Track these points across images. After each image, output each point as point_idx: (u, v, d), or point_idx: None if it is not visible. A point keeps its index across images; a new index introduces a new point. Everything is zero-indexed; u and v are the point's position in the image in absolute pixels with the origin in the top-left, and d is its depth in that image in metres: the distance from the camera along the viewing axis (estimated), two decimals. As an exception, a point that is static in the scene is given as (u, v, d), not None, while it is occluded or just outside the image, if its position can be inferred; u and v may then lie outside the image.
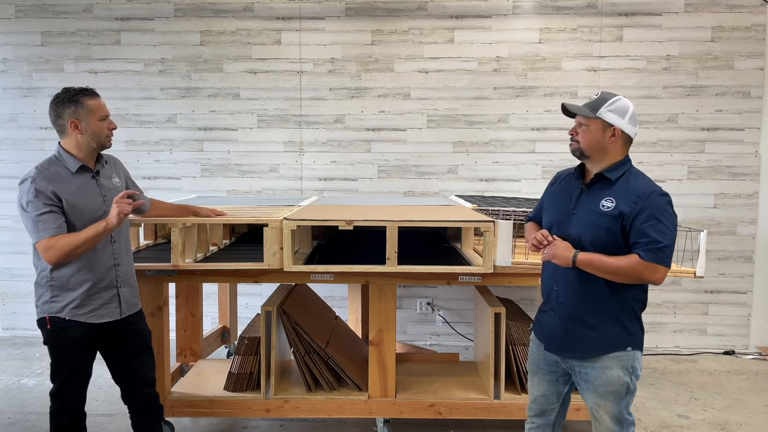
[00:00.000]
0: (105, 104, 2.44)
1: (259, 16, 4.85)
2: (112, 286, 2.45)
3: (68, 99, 2.35)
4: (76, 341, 2.39)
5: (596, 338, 2.16)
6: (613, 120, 2.12)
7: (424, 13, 4.80)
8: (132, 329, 2.54)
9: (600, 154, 2.15)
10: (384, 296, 3.03)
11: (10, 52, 4.93)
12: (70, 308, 2.36)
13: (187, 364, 3.75)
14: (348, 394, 3.12)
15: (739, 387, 4.06)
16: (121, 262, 2.49)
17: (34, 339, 4.97)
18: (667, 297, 4.89)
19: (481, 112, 4.85)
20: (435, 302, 4.98)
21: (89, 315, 2.39)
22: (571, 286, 2.18)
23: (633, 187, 2.10)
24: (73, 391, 2.43)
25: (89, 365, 2.48)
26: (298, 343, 3.10)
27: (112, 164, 2.59)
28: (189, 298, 3.81)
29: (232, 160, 4.95)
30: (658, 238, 2.03)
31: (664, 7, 4.72)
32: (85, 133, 2.37)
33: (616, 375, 2.16)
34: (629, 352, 2.16)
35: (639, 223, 2.05)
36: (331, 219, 2.89)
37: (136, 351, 2.57)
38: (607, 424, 2.21)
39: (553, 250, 2.15)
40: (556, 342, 2.26)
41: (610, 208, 2.09)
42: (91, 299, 2.39)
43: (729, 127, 4.76)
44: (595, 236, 2.11)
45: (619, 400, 2.18)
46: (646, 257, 2.03)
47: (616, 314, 2.15)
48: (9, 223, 5.04)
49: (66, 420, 2.44)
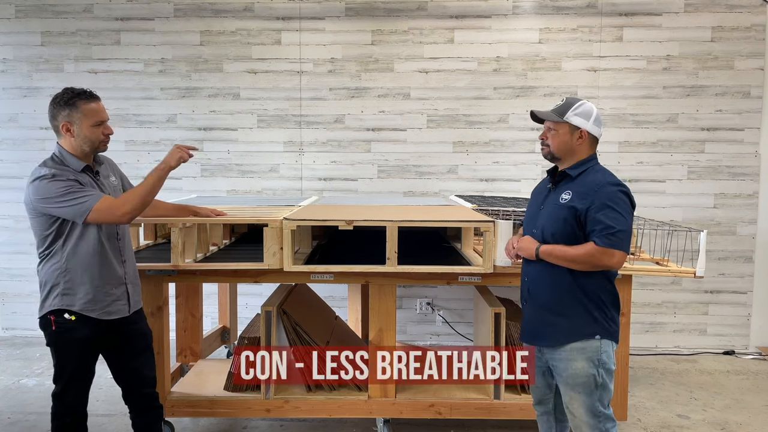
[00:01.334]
0: (103, 108, 2.41)
1: (259, 16, 4.85)
2: (121, 283, 2.46)
3: (64, 101, 2.33)
4: (80, 342, 2.38)
5: (564, 325, 2.26)
6: (579, 123, 2.26)
7: (424, 13, 4.80)
8: (133, 329, 2.55)
9: (569, 155, 2.30)
10: (384, 296, 3.03)
11: (10, 52, 4.93)
12: (84, 302, 2.35)
13: (187, 364, 3.75)
14: (348, 394, 3.12)
15: (739, 387, 4.06)
16: (127, 260, 2.51)
17: (34, 339, 4.97)
18: (667, 297, 4.89)
19: (481, 112, 4.85)
20: (435, 302, 4.98)
21: (101, 312, 2.39)
22: (539, 277, 2.32)
23: (589, 180, 2.24)
24: (75, 392, 2.43)
25: (92, 366, 2.47)
26: (297, 343, 3.10)
27: (107, 164, 2.60)
28: (189, 298, 3.81)
29: (232, 160, 4.95)
30: (611, 224, 2.15)
31: (664, 7, 4.72)
32: (77, 137, 2.35)
33: (580, 366, 2.23)
34: (594, 342, 2.23)
35: (593, 212, 2.18)
36: (331, 219, 2.89)
37: (136, 351, 2.57)
38: (581, 417, 2.27)
39: (519, 244, 2.37)
40: (529, 332, 2.40)
41: (567, 200, 2.25)
42: (102, 295, 2.39)
43: (729, 127, 4.76)
44: (555, 228, 2.25)
45: (590, 393, 2.25)
46: (601, 243, 2.15)
47: (582, 302, 2.25)
48: (9, 223, 5.04)
49: (68, 421, 2.43)
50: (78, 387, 2.43)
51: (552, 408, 2.52)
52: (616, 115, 4.74)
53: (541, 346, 2.36)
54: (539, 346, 2.37)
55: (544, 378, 2.44)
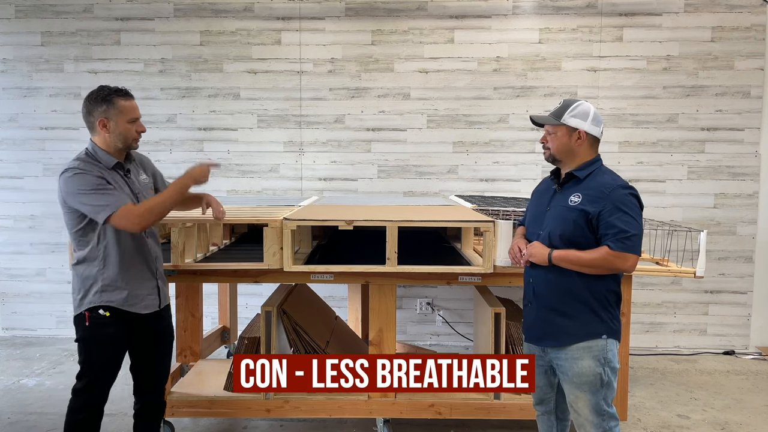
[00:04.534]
0: (137, 106, 2.46)
1: (259, 16, 4.85)
2: (153, 278, 2.52)
3: (101, 98, 2.38)
4: (112, 338, 2.41)
5: (570, 326, 2.26)
6: (576, 124, 2.27)
7: (424, 13, 4.80)
8: (162, 325, 2.60)
9: (569, 156, 2.31)
10: (384, 296, 3.03)
11: (10, 52, 4.93)
12: (122, 297, 2.39)
13: (187, 364, 3.75)
14: (348, 394, 3.12)
15: (739, 387, 4.06)
16: (157, 256, 2.57)
17: (34, 339, 4.97)
18: (667, 297, 4.90)
19: (481, 112, 4.85)
20: (435, 302, 4.98)
21: (139, 306, 2.44)
22: (545, 278, 2.31)
23: (599, 183, 2.24)
24: (99, 389, 2.45)
25: (119, 364, 2.49)
26: (298, 343, 3.10)
27: (139, 162, 2.63)
28: (189, 298, 3.81)
29: (232, 160, 4.95)
30: (624, 228, 2.15)
31: (664, 7, 4.72)
32: (112, 132, 2.40)
33: (587, 365, 2.24)
34: (600, 341, 2.24)
35: (605, 216, 2.17)
36: (331, 219, 2.89)
37: (162, 346, 2.63)
38: (586, 416, 2.28)
39: (530, 250, 2.33)
40: (534, 332, 2.39)
41: (577, 202, 2.24)
42: (140, 288, 2.44)
43: (729, 127, 4.76)
44: (564, 229, 2.25)
45: (595, 391, 2.25)
46: (615, 247, 2.15)
47: (589, 303, 2.25)
48: (9, 223, 5.04)
49: (82, 417, 2.44)
50: (102, 384, 2.45)
51: (553, 407, 2.52)
52: (616, 115, 4.74)
53: (547, 346, 2.35)
54: (544, 347, 2.37)
55: (546, 377, 2.44)
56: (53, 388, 3.96)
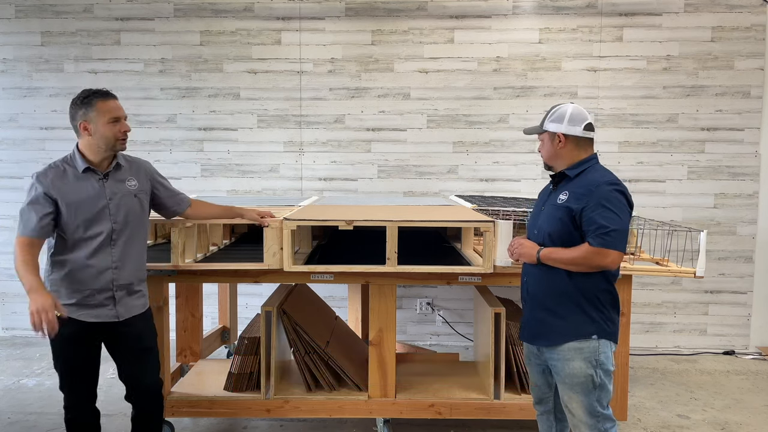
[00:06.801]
0: (120, 106, 2.43)
1: (259, 16, 4.85)
2: (107, 289, 2.42)
3: (80, 101, 2.37)
4: (69, 338, 2.37)
5: (561, 325, 2.27)
6: (554, 128, 2.31)
7: (424, 13, 4.80)
8: (128, 331, 2.49)
9: (557, 160, 2.35)
10: (384, 296, 3.03)
11: (10, 52, 4.93)
12: (67, 304, 2.36)
13: (187, 364, 3.75)
14: (348, 394, 3.12)
15: (739, 387, 4.06)
16: (121, 266, 2.44)
17: (34, 339, 4.97)
18: (667, 297, 4.90)
19: (481, 112, 4.84)
20: (435, 302, 4.98)
21: (82, 313, 2.39)
22: (537, 277, 2.33)
23: (587, 181, 2.25)
24: (69, 388, 2.45)
25: (87, 364, 2.46)
26: (298, 343, 3.10)
27: (134, 167, 2.55)
28: (189, 298, 3.81)
29: (232, 160, 4.95)
30: (604, 223, 2.15)
31: (664, 7, 4.71)
32: (94, 134, 2.37)
33: (578, 366, 2.24)
34: (591, 342, 2.23)
35: (588, 212, 2.18)
36: (331, 219, 2.89)
37: (134, 353, 2.53)
38: (580, 417, 2.28)
39: (519, 249, 2.36)
40: (528, 331, 2.41)
41: (563, 200, 2.26)
42: (84, 299, 2.39)
43: (729, 127, 4.76)
44: (553, 227, 2.28)
45: (588, 393, 2.25)
46: (594, 243, 2.16)
47: (579, 302, 2.25)
48: (9, 223, 5.03)
49: (69, 417, 2.48)
50: (72, 383, 2.45)
51: (552, 407, 2.53)
52: (616, 115, 4.73)
53: (540, 345, 2.37)
54: (538, 346, 2.38)
55: (544, 376, 2.46)
56: (53, 388, 3.95)
